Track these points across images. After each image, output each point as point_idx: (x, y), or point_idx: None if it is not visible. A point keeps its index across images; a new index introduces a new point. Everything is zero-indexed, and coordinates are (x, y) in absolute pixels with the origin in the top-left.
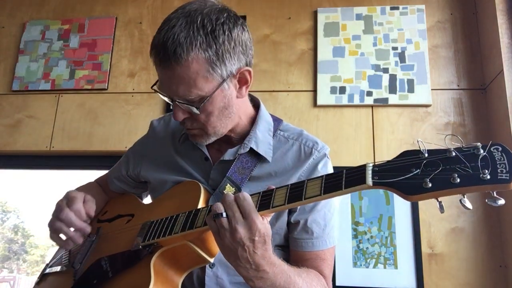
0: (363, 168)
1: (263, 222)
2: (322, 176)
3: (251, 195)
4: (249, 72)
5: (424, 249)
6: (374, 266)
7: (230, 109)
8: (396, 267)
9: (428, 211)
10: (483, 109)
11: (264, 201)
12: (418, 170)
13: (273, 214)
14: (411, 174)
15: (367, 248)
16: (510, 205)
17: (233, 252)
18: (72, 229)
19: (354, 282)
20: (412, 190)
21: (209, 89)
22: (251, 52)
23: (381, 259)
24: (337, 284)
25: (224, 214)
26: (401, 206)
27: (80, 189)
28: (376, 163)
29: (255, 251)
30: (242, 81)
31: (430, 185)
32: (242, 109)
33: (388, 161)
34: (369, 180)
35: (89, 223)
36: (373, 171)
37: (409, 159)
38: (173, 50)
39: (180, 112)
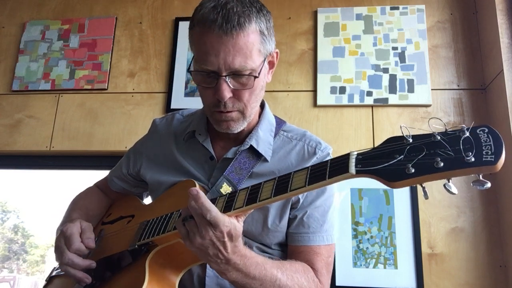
0: (346, 156)
1: (230, 223)
2: (308, 167)
3: (240, 189)
4: (277, 54)
5: (424, 249)
6: (374, 266)
7: (263, 91)
8: (396, 267)
9: (428, 211)
10: (483, 109)
11: (252, 195)
12: (402, 156)
13: (248, 213)
14: (394, 161)
15: (367, 248)
16: (510, 205)
17: (203, 251)
18: (77, 271)
19: (354, 282)
20: (394, 177)
21: (259, 63)
22: None
23: (381, 259)
24: (337, 284)
25: (191, 217)
26: (401, 206)
27: (80, 201)
28: (360, 151)
29: (226, 249)
30: (271, 63)
31: (412, 170)
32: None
33: (373, 148)
34: (352, 169)
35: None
36: (356, 159)
37: (393, 145)
38: (236, 19)
39: (227, 90)
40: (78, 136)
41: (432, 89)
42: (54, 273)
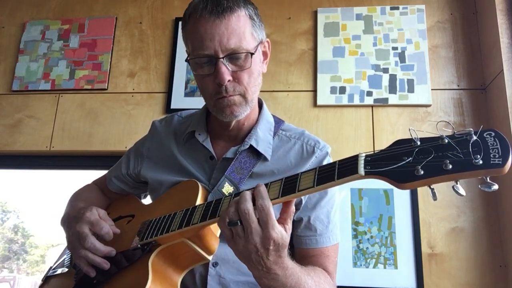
0: (355, 158)
1: (278, 231)
2: (315, 168)
3: (245, 191)
4: (269, 44)
5: (424, 249)
6: (374, 266)
7: (260, 79)
8: (396, 267)
9: (428, 211)
10: (483, 109)
11: None
12: (410, 158)
13: (292, 220)
14: (403, 162)
15: (367, 248)
16: (510, 205)
17: (246, 255)
18: (97, 257)
19: (354, 282)
20: (403, 178)
21: (253, 46)
22: None
23: (381, 259)
24: (337, 284)
25: (239, 222)
26: (401, 206)
27: (83, 194)
28: (368, 153)
29: (268, 257)
30: (264, 53)
31: (422, 172)
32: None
33: (381, 150)
34: (361, 170)
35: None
36: (365, 160)
37: (401, 147)
38: (225, 3)
39: (226, 72)
40: (78, 136)
41: (432, 89)
42: (50, 273)
